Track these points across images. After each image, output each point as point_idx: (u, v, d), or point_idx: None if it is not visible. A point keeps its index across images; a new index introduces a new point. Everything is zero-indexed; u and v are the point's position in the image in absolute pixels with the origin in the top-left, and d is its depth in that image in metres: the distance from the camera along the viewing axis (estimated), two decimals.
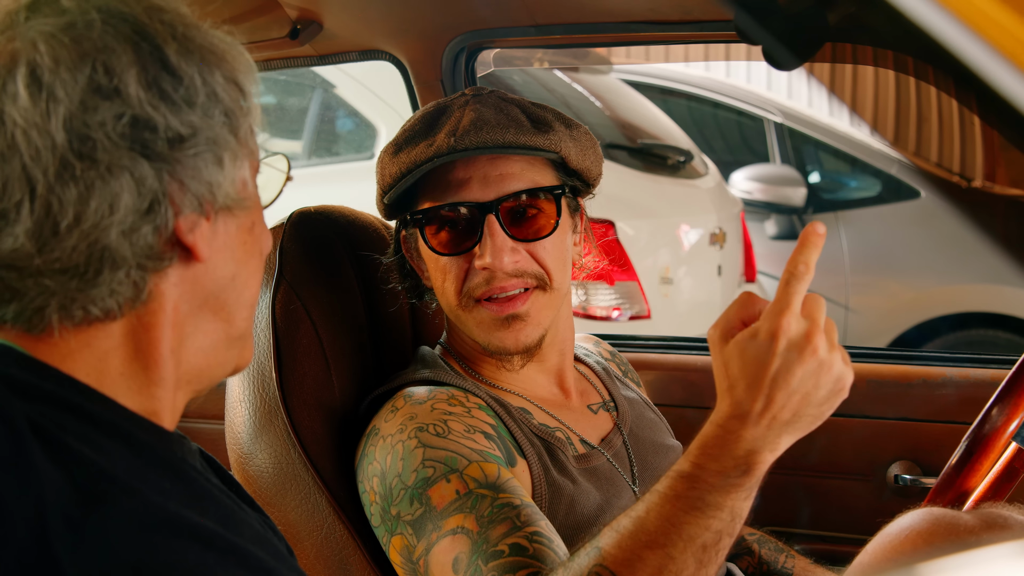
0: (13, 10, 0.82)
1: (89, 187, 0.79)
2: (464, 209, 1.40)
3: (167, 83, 0.83)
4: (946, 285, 4.76)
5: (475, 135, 1.38)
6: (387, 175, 1.44)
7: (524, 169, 1.43)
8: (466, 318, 1.44)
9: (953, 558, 0.66)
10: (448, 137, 1.38)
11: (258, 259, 0.96)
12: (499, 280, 1.40)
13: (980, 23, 0.67)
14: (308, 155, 4.34)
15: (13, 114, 0.78)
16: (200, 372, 0.93)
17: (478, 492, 1.25)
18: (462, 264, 1.42)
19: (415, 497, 1.28)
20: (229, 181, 0.88)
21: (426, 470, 1.28)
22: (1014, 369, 1.51)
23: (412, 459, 1.30)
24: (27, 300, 0.82)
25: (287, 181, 1.02)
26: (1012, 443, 1.48)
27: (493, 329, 1.43)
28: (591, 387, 1.63)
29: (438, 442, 1.31)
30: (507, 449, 1.37)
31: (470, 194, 1.40)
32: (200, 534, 0.80)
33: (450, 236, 1.42)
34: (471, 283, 1.42)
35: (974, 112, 1.12)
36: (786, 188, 5.05)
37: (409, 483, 1.29)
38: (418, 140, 1.41)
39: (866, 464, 2.03)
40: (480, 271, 1.40)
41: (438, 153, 1.38)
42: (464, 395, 1.42)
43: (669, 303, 3.88)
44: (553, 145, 1.41)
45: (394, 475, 1.32)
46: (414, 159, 1.40)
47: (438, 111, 1.45)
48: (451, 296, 1.44)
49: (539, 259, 1.42)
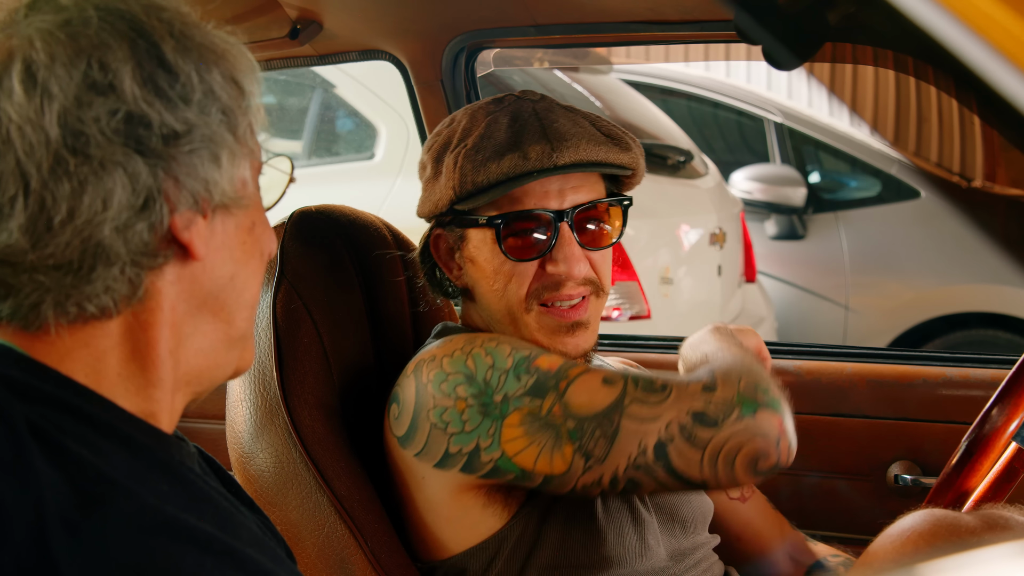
0: (14, 8, 0.82)
1: (82, 183, 0.79)
2: (539, 217, 1.42)
3: (163, 80, 0.83)
4: (946, 285, 4.75)
5: (573, 152, 1.40)
6: (469, 182, 1.41)
7: (592, 181, 1.46)
8: (527, 320, 1.46)
9: (953, 559, 0.66)
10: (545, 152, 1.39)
11: (259, 260, 0.96)
12: (569, 288, 1.43)
13: (980, 23, 0.67)
14: (308, 155, 4.34)
15: (8, 110, 0.78)
16: (200, 374, 0.93)
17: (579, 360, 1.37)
18: (530, 269, 1.44)
19: (520, 372, 1.31)
20: (227, 179, 0.88)
21: (521, 352, 1.34)
22: (1014, 369, 1.51)
23: (500, 351, 1.34)
24: (22, 296, 0.81)
25: (290, 182, 1.02)
26: (1012, 443, 1.48)
27: (557, 334, 1.45)
28: None
29: (515, 342, 1.37)
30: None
31: (546, 202, 1.42)
32: (198, 537, 0.80)
33: (522, 243, 1.44)
34: (541, 287, 1.44)
35: (974, 112, 1.12)
36: (786, 188, 5.04)
37: (508, 366, 1.32)
38: (506, 151, 1.40)
39: (866, 464, 2.03)
40: (550, 276, 1.43)
41: (537, 167, 1.39)
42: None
43: (669, 303, 3.88)
44: (633, 162, 1.46)
45: (485, 368, 1.33)
46: (508, 171, 1.39)
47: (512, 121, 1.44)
48: (515, 300, 1.45)
49: (597, 268, 1.46)
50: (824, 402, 2.09)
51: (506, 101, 1.48)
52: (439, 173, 1.46)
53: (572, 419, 1.26)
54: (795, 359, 2.14)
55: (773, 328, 4.67)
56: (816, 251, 5.07)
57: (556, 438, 1.27)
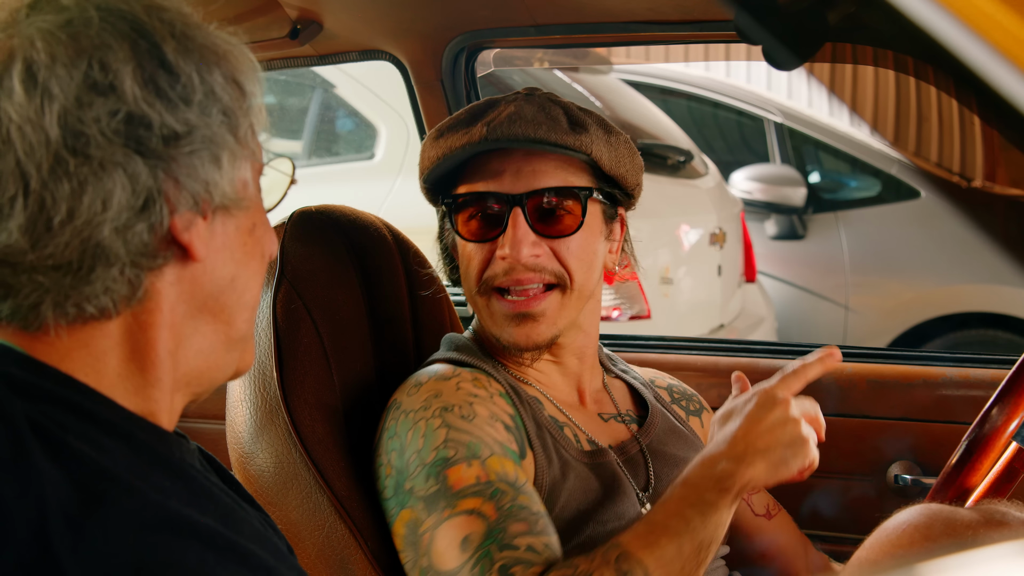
0: (15, 8, 0.82)
1: (82, 183, 0.79)
2: (493, 199, 1.44)
3: (163, 80, 0.83)
4: (946, 285, 4.76)
5: (507, 128, 1.41)
6: (426, 158, 1.49)
7: (558, 168, 1.45)
8: (481, 305, 1.48)
9: (952, 557, 0.66)
10: (483, 128, 1.42)
11: (259, 261, 0.96)
12: (517, 272, 1.43)
13: (980, 23, 0.67)
14: (308, 155, 4.34)
15: (8, 110, 0.78)
16: (200, 375, 0.93)
17: (499, 485, 1.29)
18: (486, 252, 1.45)
19: (432, 475, 1.30)
20: (227, 180, 0.87)
21: (447, 450, 1.31)
22: (1014, 369, 1.51)
23: (434, 438, 1.33)
24: (22, 297, 0.81)
25: (291, 184, 1.02)
26: (1012, 443, 1.48)
27: (505, 324, 1.46)
28: (609, 399, 1.62)
29: (463, 424, 1.34)
30: (521, 441, 1.40)
31: (501, 185, 1.44)
32: (200, 533, 0.80)
33: (479, 225, 1.46)
34: (491, 272, 1.45)
35: (974, 112, 1.12)
36: (786, 188, 5.04)
37: (428, 460, 1.32)
38: (458, 128, 1.45)
39: (866, 464, 2.03)
40: (500, 261, 1.43)
41: (470, 142, 1.42)
42: (487, 379, 1.44)
43: (669, 303, 3.88)
44: (584, 147, 1.43)
45: (413, 451, 1.34)
46: (450, 146, 1.44)
47: (487, 104, 1.48)
48: (471, 283, 1.48)
49: (561, 258, 1.44)
50: (824, 402, 2.08)
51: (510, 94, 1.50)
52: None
53: (426, 557, 1.28)
54: (795, 359, 2.13)
55: (773, 328, 4.67)
56: (816, 251, 5.07)
57: (413, 565, 1.30)
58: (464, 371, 1.44)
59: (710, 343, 2.43)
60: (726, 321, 4.27)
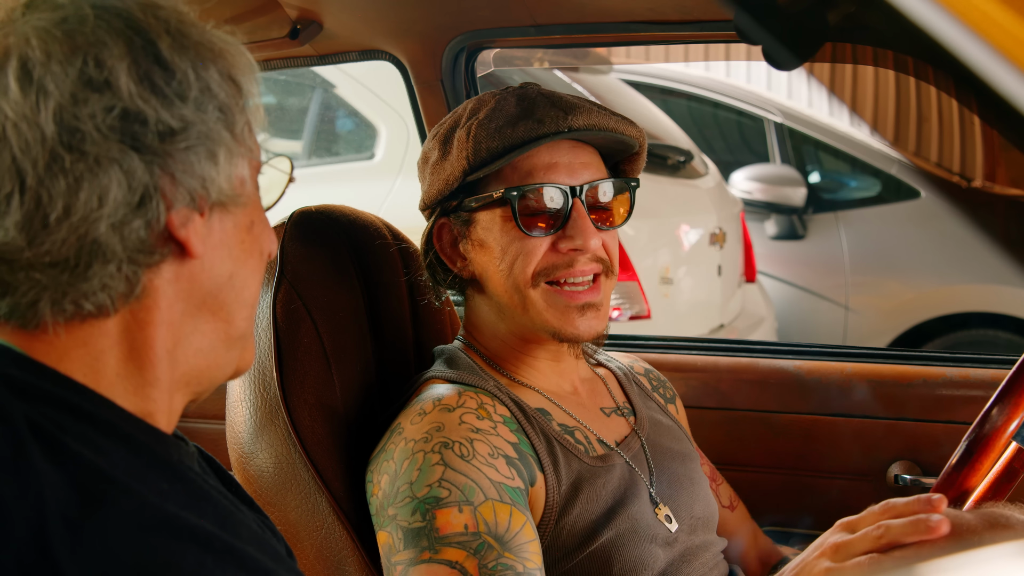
0: (11, 7, 0.82)
1: (78, 179, 0.79)
2: (553, 191, 1.43)
3: (159, 77, 0.83)
4: (946, 285, 4.76)
5: (585, 117, 1.41)
6: (483, 149, 1.42)
7: (599, 161, 1.48)
8: (534, 297, 1.44)
9: (953, 558, 0.66)
10: (560, 117, 1.41)
11: (258, 259, 0.96)
12: (581, 264, 1.43)
13: (980, 23, 0.67)
14: (308, 155, 4.34)
15: (3, 107, 0.79)
16: (199, 374, 0.93)
17: (487, 538, 1.26)
18: (540, 246, 1.44)
19: (420, 510, 1.28)
20: (224, 177, 0.87)
21: (441, 490, 1.28)
22: (1014, 369, 1.51)
23: (430, 474, 1.30)
24: (19, 294, 0.82)
25: (289, 182, 1.01)
26: (1012, 443, 1.48)
27: (567, 314, 1.44)
28: (605, 390, 1.63)
29: (461, 465, 1.31)
30: (529, 468, 1.37)
31: (559, 178, 1.43)
32: (198, 535, 0.80)
33: (535, 218, 1.44)
34: (547, 264, 1.43)
35: (974, 112, 1.12)
36: (786, 188, 5.04)
37: (419, 495, 1.29)
38: (519, 120, 1.42)
39: (866, 464, 2.03)
40: (562, 254, 1.43)
41: (553, 130, 1.40)
42: (493, 403, 1.41)
43: (669, 303, 3.88)
44: (640, 136, 1.48)
45: (405, 481, 1.31)
46: (523, 135, 1.41)
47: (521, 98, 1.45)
48: (523, 277, 1.44)
49: (608, 248, 1.47)
50: (824, 402, 2.08)
51: (510, 89, 1.50)
52: (448, 152, 1.47)
53: None
54: (795, 359, 2.14)
55: (773, 328, 4.67)
56: (816, 251, 5.07)
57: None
58: (469, 397, 1.40)
59: (710, 343, 2.43)
60: (726, 321, 4.27)
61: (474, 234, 1.48)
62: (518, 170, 1.43)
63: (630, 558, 1.39)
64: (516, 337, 1.51)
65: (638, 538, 1.41)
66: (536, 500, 1.37)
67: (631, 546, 1.40)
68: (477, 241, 1.48)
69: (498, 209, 1.45)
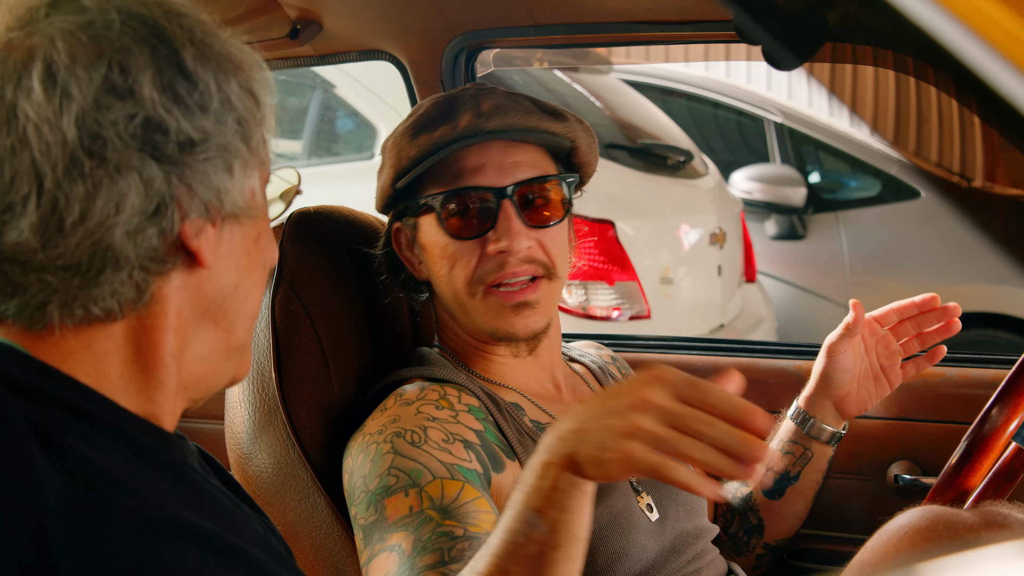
0: (34, 6, 0.82)
1: (97, 185, 0.79)
2: (479, 194, 1.42)
3: (182, 87, 0.83)
4: (946, 285, 4.75)
5: (501, 118, 1.40)
6: (404, 157, 1.44)
7: (535, 158, 1.46)
8: (474, 305, 1.45)
9: (953, 557, 0.66)
10: (474, 119, 1.40)
11: (262, 271, 0.96)
12: (511, 266, 1.42)
13: (980, 23, 0.67)
14: (308, 155, 4.34)
15: (27, 109, 0.78)
16: (198, 381, 0.93)
17: (427, 513, 1.23)
18: (473, 251, 1.43)
19: (372, 503, 1.28)
20: (238, 189, 0.88)
21: (389, 478, 1.28)
22: (1014, 369, 1.51)
23: (380, 464, 1.30)
24: (29, 296, 0.81)
25: (296, 194, 1.02)
26: (1012, 443, 1.48)
27: (503, 315, 1.44)
28: (584, 386, 1.63)
29: (410, 451, 1.31)
30: (493, 454, 1.37)
31: (485, 179, 1.42)
32: (199, 535, 0.80)
33: (463, 222, 1.44)
34: (483, 269, 1.43)
35: (974, 112, 1.12)
36: (786, 188, 5.04)
37: (371, 487, 1.29)
38: (438, 124, 1.42)
39: (866, 464, 2.03)
40: (493, 256, 1.42)
41: (466, 134, 1.40)
42: (457, 393, 1.42)
43: (669, 303, 3.88)
44: (570, 133, 1.46)
45: (360, 476, 1.32)
46: (438, 140, 1.41)
47: (448, 100, 1.46)
48: (460, 283, 1.45)
49: (546, 248, 1.45)
50: None
51: (450, 91, 1.50)
52: (384, 160, 1.49)
53: None
54: (795, 359, 2.14)
55: (773, 328, 4.67)
56: (816, 251, 5.07)
57: None
58: (431, 389, 1.41)
59: (710, 343, 2.43)
60: (726, 321, 4.26)
61: (419, 238, 1.50)
62: (447, 173, 1.44)
63: (614, 549, 1.39)
64: (472, 336, 1.52)
65: (620, 528, 1.40)
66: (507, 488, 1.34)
67: (614, 537, 1.39)
68: (422, 245, 1.50)
69: (432, 214, 1.46)
